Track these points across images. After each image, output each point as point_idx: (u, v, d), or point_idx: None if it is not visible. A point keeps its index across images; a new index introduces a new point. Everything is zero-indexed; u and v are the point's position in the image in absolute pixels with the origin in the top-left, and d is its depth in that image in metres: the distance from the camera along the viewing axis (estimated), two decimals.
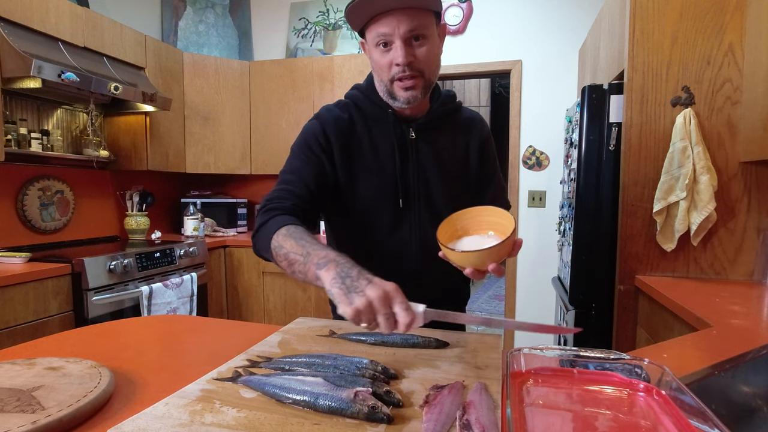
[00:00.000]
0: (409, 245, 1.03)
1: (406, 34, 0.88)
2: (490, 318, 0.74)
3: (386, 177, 1.00)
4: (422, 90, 0.94)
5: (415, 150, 1.01)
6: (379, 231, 1.03)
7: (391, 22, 0.87)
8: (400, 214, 1.02)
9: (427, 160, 1.01)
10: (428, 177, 1.01)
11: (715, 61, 1.67)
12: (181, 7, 3.40)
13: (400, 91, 0.93)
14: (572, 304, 1.98)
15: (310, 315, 2.86)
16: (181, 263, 2.58)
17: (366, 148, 1.01)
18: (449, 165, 1.03)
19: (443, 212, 0.96)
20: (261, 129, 3.30)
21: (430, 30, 0.91)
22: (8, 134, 2.15)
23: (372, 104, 1.02)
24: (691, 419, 0.55)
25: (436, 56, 0.94)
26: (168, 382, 0.75)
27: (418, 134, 1.01)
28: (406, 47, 0.89)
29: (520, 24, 3.04)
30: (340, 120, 1.02)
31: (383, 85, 0.96)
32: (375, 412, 0.58)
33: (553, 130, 2.99)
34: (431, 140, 1.02)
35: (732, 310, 1.26)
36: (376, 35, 0.90)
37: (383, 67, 0.92)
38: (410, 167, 1.01)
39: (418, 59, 0.90)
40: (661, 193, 1.67)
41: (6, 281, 1.74)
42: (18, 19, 2.02)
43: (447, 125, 1.04)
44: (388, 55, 0.91)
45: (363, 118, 1.03)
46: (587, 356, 0.70)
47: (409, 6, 0.87)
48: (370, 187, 1.01)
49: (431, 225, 0.99)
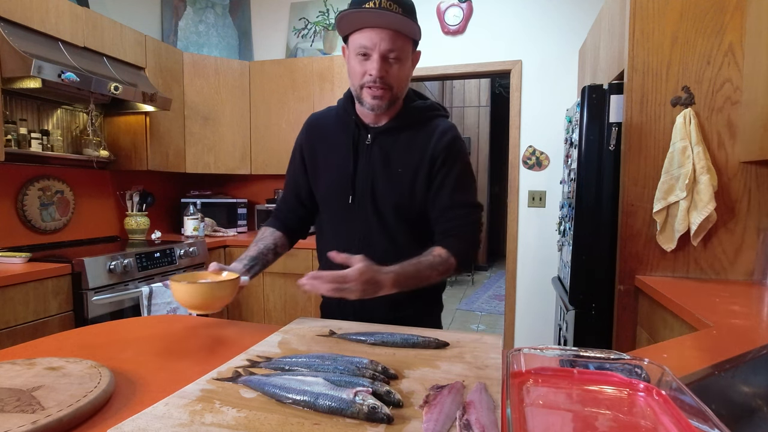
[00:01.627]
0: (353, 238, 1.13)
1: (385, 52, 1.00)
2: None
3: (340, 175, 1.14)
4: (388, 102, 1.05)
5: (368, 154, 1.12)
6: (332, 223, 1.19)
7: (374, 38, 0.99)
8: (349, 209, 1.14)
9: (377, 164, 1.11)
10: (376, 179, 1.11)
11: (715, 61, 1.67)
12: (181, 7, 3.40)
13: (367, 98, 1.05)
14: (572, 304, 1.98)
15: (310, 315, 2.85)
16: (181, 263, 2.58)
17: (331, 148, 1.16)
18: (399, 170, 1.11)
19: (387, 211, 1.11)
20: (261, 129, 3.30)
21: (405, 54, 1.03)
22: (8, 134, 2.15)
23: (344, 111, 1.16)
24: (691, 419, 0.55)
25: (407, 76, 1.08)
26: (168, 382, 0.75)
27: (374, 139, 1.12)
28: (382, 62, 1.00)
29: (520, 24, 3.04)
30: (316, 123, 1.21)
31: (354, 89, 1.08)
32: (375, 412, 0.58)
33: (553, 130, 2.99)
34: (386, 146, 1.12)
35: (732, 310, 1.26)
36: (358, 45, 1.01)
37: (357, 74, 1.04)
38: (361, 169, 1.12)
39: (390, 75, 1.02)
40: (661, 193, 1.68)
41: (6, 281, 1.74)
42: (18, 19, 2.02)
43: (409, 132, 1.12)
44: (364, 65, 1.02)
45: (336, 122, 1.18)
46: (587, 356, 0.70)
47: (393, 28, 0.98)
48: (327, 182, 1.17)
49: (376, 221, 1.11)
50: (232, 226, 3.36)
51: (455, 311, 4.87)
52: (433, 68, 3.18)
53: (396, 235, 1.12)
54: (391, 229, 1.11)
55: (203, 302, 0.92)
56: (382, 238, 1.12)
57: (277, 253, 1.21)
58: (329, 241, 1.17)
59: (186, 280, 0.97)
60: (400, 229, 1.11)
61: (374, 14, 0.97)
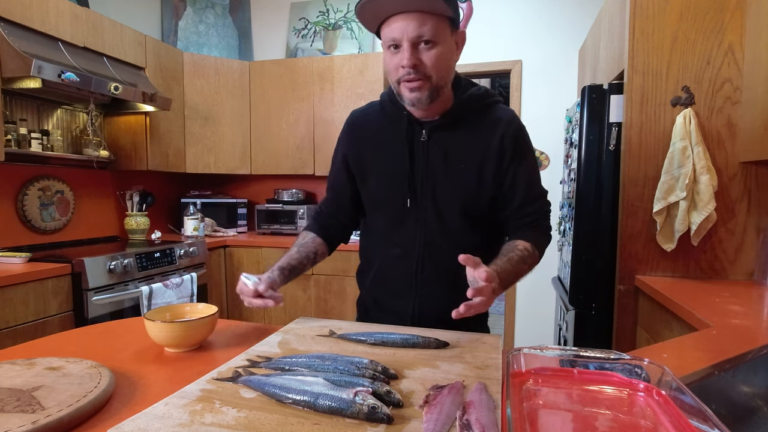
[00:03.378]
0: (413, 244, 1.05)
1: (415, 39, 0.89)
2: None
3: (395, 177, 1.04)
4: (429, 93, 0.94)
5: (425, 152, 1.02)
6: (387, 229, 1.09)
7: (401, 25, 0.89)
8: (407, 213, 1.05)
9: (436, 162, 1.02)
10: (436, 178, 1.02)
11: (715, 61, 1.67)
12: (181, 7, 3.40)
13: (405, 92, 0.94)
14: (572, 304, 1.98)
15: (310, 315, 2.86)
16: (181, 263, 2.58)
17: (381, 147, 1.06)
18: (460, 166, 1.02)
19: (451, 213, 1.02)
20: (261, 129, 3.30)
21: (441, 36, 0.91)
22: (8, 134, 2.15)
23: (392, 105, 1.04)
24: (691, 419, 0.55)
25: (446, 61, 0.94)
26: (168, 382, 0.75)
27: (430, 136, 1.02)
28: (412, 50, 0.90)
29: (520, 24, 3.04)
30: (360, 121, 1.11)
31: (393, 86, 0.98)
32: (375, 412, 0.58)
33: (553, 130, 2.99)
34: (443, 141, 1.02)
35: (732, 310, 1.26)
36: (387, 39, 0.92)
37: (392, 69, 0.94)
38: (418, 169, 1.03)
39: (424, 63, 0.91)
40: (661, 193, 1.67)
41: (6, 281, 1.74)
42: (18, 19, 2.02)
43: (467, 125, 1.03)
44: (396, 57, 0.92)
45: (383, 119, 1.08)
46: (587, 356, 0.70)
47: (419, 9, 0.87)
48: (378, 185, 1.07)
49: (437, 224, 1.03)
50: (232, 226, 3.36)
51: None
52: None
53: (461, 238, 1.03)
54: (456, 232, 1.03)
55: (176, 341, 0.89)
56: (447, 242, 1.03)
57: (315, 262, 1.12)
58: (384, 249, 1.09)
59: (164, 314, 0.96)
60: (465, 231, 1.03)
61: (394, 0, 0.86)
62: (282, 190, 3.35)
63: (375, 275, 1.13)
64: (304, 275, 2.90)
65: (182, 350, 0.91)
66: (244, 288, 0.96)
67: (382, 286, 1.12)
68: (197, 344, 0.92)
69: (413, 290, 1.06)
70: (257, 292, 0.94)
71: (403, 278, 1.07)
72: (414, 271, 1.06)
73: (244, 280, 0.96)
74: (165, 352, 0.90)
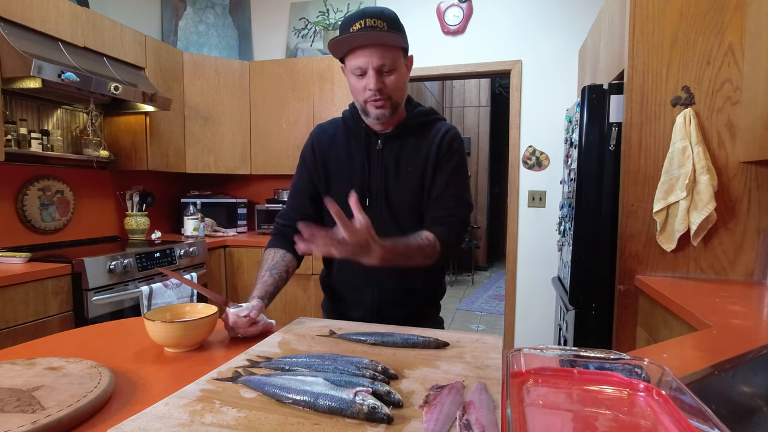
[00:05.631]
0: None
1: (378, 67, 1.07)
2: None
3: (355, 181, 1.19)
4: (390, 110, 1.13)
5: (381, 158, 1.19)
6: None
7: (366, 56, 1.06)
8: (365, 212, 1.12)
9: (389, 167, 1.18)
10: (388, 181, 1.18)
11: (715, 61, 1.67)
12: (181, 7, 3.40)
13: (372, 110, 1.12)
14: (572, 304, 1.98)
15: (310, 315, 2.85)
16: (181, 263, 2.58)
17: (342, 157, 1.22)
18: (408, 170, 1.18)
19: (401, 209, 1.18)
20: (261, 129, 3.30)
21: (397, 63, 1.10)
22: (8, 134, 2.15)
23: (353, 121, 1.22)
24: (691, 419, 0.55)
25: (403, 83, 1.14)
26: (168, 382, 0.75)
27: (384, 145, 1.19)
28: (377, 77, 1.08)
29: (520, 24, 3.04)
30: (324, 134, 1.26)
31: (359, 104, 1.15)
32: (375, 412, 0.58)
33: (553, 130, 2.99)
34: (396, 149, 1.19)
35: (732, 310, 1.26)
36: (354, 66, 1.09)
37: (359, 90, 1.12)
38: (374, 173, 1.18)
39: (387, 86, 1.10)
40: (661, 193, 1.67)
41: (6, 281, 1.74)
42: (18, 19, 2.02)
43: (415, 136, 1.20)
44: (362, 81, 1.10)
45: (346, 133, 1.24)
46: (587, 356, 0.70)
47: (381, 44, 1.06)
48: (341, 188, 1.19)
49: (391, 223, 1.17)
50: (232, 226, 3.36)
51: (455, 311, 4.87)
52: (433, 68, 3.18)
53: (408, 231, 1.13)
54: (404, 226, 1.14)
55: (176, 341, 0.89)
56: (396, 234, 1.13)
57: (287, 279, 1.21)
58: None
59: (164, 314, 0.96)
60: (411, 225, 1.15)
61: (362, 36, 1.05)
62: (282, 190, 3.35)
63: (336, 274, 1.25)
64: (304, 275, 2.91)
65: (182, 350, 0.91)
66: (238, 320, 0.96)
67: (342, 282, 1.25)
68: (197, 344, 0.92)
69: (370, 283, 1.19)
70: (252, 319, 0.97)
71: (360, 273, 1.15)
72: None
73: (234, 311, 0.96)
74: (165, 352, 0.90)
